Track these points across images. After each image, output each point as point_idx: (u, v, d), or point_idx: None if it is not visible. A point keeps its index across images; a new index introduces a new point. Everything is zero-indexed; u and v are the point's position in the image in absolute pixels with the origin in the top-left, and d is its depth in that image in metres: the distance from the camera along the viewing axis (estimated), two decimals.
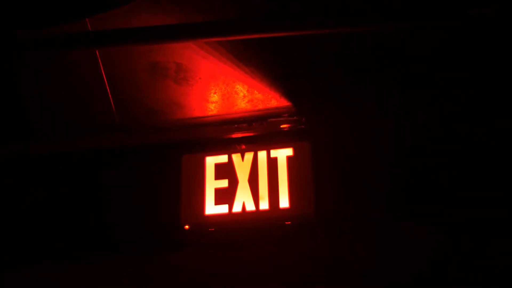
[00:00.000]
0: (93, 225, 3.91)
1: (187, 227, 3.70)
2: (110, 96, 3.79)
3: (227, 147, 3.90)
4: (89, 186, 4.03)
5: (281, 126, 3.92)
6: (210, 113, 3.95)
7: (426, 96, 3.74)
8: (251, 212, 3.66)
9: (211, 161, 3.82)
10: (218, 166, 3.80)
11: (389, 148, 3.73)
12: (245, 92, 3.82)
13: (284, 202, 3.64)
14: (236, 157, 3.81)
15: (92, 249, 3.81)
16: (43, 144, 4.03)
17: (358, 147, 3.78)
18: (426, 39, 3.49)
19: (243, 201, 3.68)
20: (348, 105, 3.88)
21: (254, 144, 3.89)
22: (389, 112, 3.81)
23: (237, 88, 3.79)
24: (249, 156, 3.80)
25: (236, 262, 3.59)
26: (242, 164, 3.79)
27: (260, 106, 3.90)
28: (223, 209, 3.69)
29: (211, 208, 3.70)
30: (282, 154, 3.77)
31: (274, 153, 3.78)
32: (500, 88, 3.59)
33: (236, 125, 3.96)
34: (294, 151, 3.76)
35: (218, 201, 3.71)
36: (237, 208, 3.68)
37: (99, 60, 3.62)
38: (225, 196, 3.72)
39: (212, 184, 3.76)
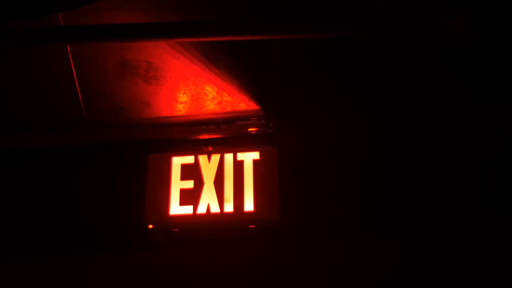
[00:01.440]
0: (55, 221, 3.88)
1: (150, 226, 3.69)
2: (78, 91, 3.74)
3: (194, 148, 3.90)
4: (52, 182, 3.99)
5: (249, 130, 3.94)
6: (178, 113, 3.93)
7: (397, 101, 3.80)
8: (216, 214, 3.67)
9: (177, 162, 3.82)
10: (184, 167, 3.81)
11: (357, 154, 3.78)
12: (214, 94, 3.81)
13: (249, 205, 3.66)
14: (202, 158, 3.82)
15: (54, 245, 3.78)
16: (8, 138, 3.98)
17: (325, 153, 3.82)
18: (398, 43, 3.55)
19: (208, 202, 3.69)
20: (316, 110, 3.91)
21: (221, 146, 3.90)
22: (357, 118, 3.86)
23: (207, 89, 3.79)
24: (215, 158, 3.81)
25: (198, 263, 3.59)
26: (208, 166, 3.79)
27: (229, 109, 3.91)
28: (187, 210, 3.70)
29: (176, 208, 3.70)
30: (249, 158, 3.79)
31: (240, 156, 3.80)
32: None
33: (204, 127, 3.96)
34: (261, 155, 3.79)
35: (183, 202, 3.72)
36: (201, 209, 3.69)
37: (70, 55, 3.57)
38: (190, 197, 3.73)
39: (177, 185, 3.76)
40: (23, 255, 3.71)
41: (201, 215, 3.67)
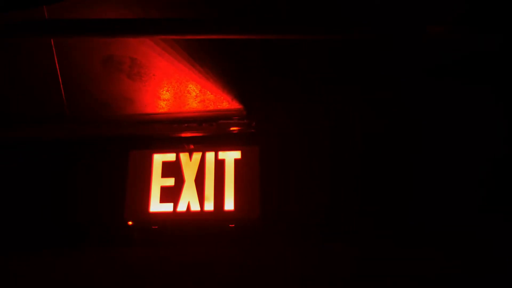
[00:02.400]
0: (33, 216, 3.86)
1: (130, 223, 3.68)
2: (61, 86, 3.72)
3: (176, 145, 3.90)
4: (32, 176, 3.96)
5: (231, 129, 3.95)
6: (161, 111, 3.94)
7: (379, 103, 3.83)
8: (196, 212, 3.68)
9: (158, 159, 3.82)
10: (165, 164, 3.81)
11: (337, 155, 3.81)
12: (198, 92, 3.82)
13: (229, 204, 3.68)
14: (184, 156, 3.82)
15: (32, 240, 3.76)
16: None
17: (306, 153, 3.84)
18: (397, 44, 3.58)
19: (188, 200, 3.70)
20: (298, 112, 3.94)
21: (203, 144, 3.90)
22: (338, 119, 3.89)
23: (190, 87, 3.79)
24: (197, 156, 3.81)
25: (177, 260, 3.59)
26: (189, 164, 3.79)
27: (211, 107, 3.91)
28: (167, 207, 3.70)
29: (156, 205, 3.70)
30: (230, 157, 3.80)
31: (222, 155, 3.81)
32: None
33: (186, 124, 3.96)
34: (242, 154, 3.80)
35: (163, 199, 3.72)
36: (182, 207, 3.69)
37: (53, 49, 3.54)
38: (170, 194, 3.73)
39: (158, 182, 3.76)
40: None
41: (181, 213, 3.68)
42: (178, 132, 3.97)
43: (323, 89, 3.85)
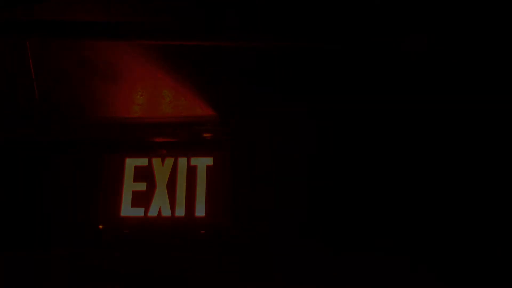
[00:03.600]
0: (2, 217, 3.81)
1: (101, 226, 3.67)
2: (35, 87, 3.69)
3: (148, 150, 3.89)
4: (2, 177, 3.90)
5: (204, 135, 3.95)
6: (134, 115, 3.92)
7: (353, 111, 3.87)
8: (167, 218, 3.68)
9: (131, 163, 3.81)
10: (137, 169, 3.80)
11: (310, 163, 3.82)
12: (171, 98, 3.83)
13: (200, 210, 3.69)
14: (156, 161, 3.82)
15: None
16: None
17: (279, 161, 3.85)
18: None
19: (159, 206, 3.70)
20: (271, 118, 3.96)
21: (176, 150, 3.89)
22: (312, 127, 3.92)
23: (164, 92, 3.80)
24: (169, 161, 3.82)
25: (146, 264, 3.59)
26: (161, 169, 3.80)
27: (185, 113, 3.92)
28: (139, 212, 3.70)
29: (127, 210, 3.70)
30: (202, 163, 3.81)
31: (194, 161, 3.82)
32: None
33: (159, 129, 3.95)
34: (215, 160, 3.81)
35: (134, 204, 3.71)
36: (153, 212, 3.69)
37: (28, 50, 3.52)
38: (142, 199, 3.73)
39: (130, 186, 3.75)
40: None
41: (152, 218, 3.68)
42: (151, 137, 3.95)
43: (298, 96, 3.88)
